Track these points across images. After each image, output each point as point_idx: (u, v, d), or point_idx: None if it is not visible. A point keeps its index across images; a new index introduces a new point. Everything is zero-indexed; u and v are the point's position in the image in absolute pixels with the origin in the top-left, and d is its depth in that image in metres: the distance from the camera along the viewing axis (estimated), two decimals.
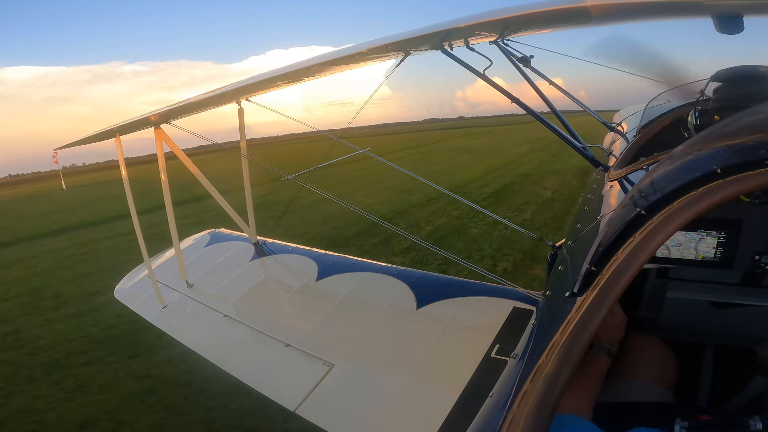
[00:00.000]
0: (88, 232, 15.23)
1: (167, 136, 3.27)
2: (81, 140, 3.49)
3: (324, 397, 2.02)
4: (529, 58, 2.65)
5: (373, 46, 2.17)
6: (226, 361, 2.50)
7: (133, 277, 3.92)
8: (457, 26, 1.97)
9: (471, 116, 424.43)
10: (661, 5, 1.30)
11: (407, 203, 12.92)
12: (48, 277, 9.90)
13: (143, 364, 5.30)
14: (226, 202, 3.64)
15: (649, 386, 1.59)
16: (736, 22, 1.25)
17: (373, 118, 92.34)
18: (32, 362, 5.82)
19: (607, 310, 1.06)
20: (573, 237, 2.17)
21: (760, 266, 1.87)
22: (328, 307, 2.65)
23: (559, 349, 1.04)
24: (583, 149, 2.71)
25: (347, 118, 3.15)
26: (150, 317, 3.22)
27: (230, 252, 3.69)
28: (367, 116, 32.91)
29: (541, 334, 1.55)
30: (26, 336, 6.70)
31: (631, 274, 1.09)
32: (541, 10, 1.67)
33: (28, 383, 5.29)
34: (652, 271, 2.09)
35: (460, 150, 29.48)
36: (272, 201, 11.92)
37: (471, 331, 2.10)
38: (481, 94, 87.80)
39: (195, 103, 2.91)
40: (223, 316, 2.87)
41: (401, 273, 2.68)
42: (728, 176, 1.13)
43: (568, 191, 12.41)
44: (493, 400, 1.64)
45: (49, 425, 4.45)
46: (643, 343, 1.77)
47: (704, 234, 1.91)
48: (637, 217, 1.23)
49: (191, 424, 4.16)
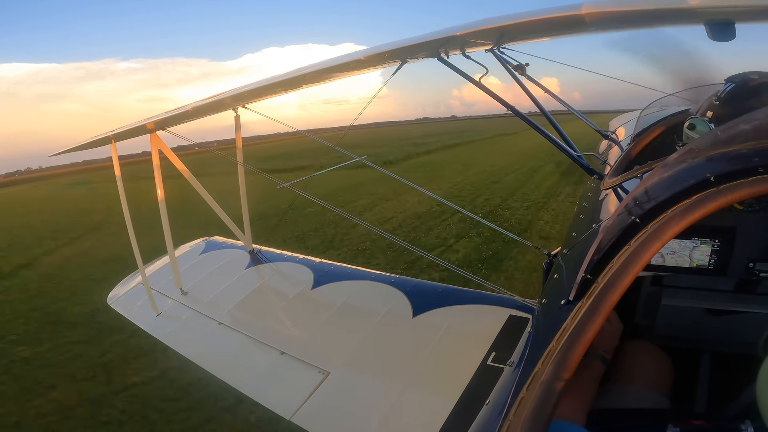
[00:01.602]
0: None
1: (163, 143, 3.27)
2: (76, 147, 3.48)
3: (320, 406, 2.00)
4: (525, 66, 2.68)
5: (371, 54, 2.18)
6: (221, 370, 2.48)
7: (126, 284, 3.89)
8: (454, 34, 1.99)
9: (464, 116, 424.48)
10: (655, 13, 1.32)
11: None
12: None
13: None
14: (221, 210, 3.63)
15: (644, 392, 1.59)
16: (728, 29, 1.26)
17: (369, 116, 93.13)
18: None
19: (602, 317, 1.06)
20: (568, 245, 2.17)
21: (754, 273, 1.87)
22: (323, 315, 2.63)
23: (555, 357, 1.04)
24: (578, 157, 2.73)
25: (343, 117, 3.18)
26: (144, 325, 3.19)
27: (225, 260, 3.68)
28: (362, 115, 33.70)
29: (537, 342, 1.56)
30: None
31: (626, 281, 1.09)
32: (536, 18, 1.69)
33: None
34: (647, 279, 2.10)
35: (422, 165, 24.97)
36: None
37: (467, 339, 2.09)
38: (477, 94, 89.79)
39: (191, 110, 2.92)
40: (217, 324, 2.85)
41: (397, 281, 2.68)
42: (722, 184, 1.14)
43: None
44: (489, 408, 1.64)
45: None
46: (638, 348, 1.77)
47: (698, 242, 1.92)
48: (632, 225, 1.24)
49: None
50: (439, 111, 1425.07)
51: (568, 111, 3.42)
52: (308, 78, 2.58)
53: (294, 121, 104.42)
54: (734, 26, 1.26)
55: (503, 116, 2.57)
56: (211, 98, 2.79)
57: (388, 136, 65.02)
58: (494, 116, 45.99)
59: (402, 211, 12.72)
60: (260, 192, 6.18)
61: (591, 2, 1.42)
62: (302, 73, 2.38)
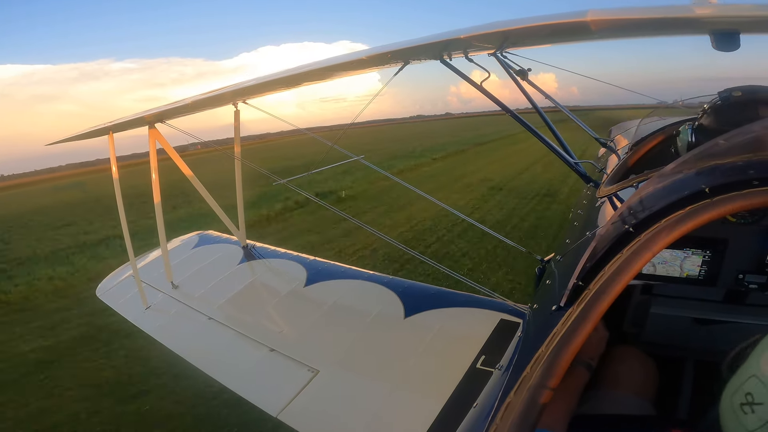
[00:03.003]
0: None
1: (161, 136, 3.25)
2: (74, 136, 3.45)
3: (307, 404, 1.99)
4: (527, 71, 2.68)
5: (373, 54, 2.17)
6: (209, 364, 2.46)
7: (116, 276, 3.85)
8: (457, 37, 1.99)
9: (459, 112, 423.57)
10: (661, 21, 1.32)
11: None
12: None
13: None
14: (216, 204, 3.60)
15: (629, 398, 1.59)
16: (732, 39, 1.27)
17: (366, 114, 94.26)
18: None
19: (592, 324, 1.07)
20: (561, 251, 2.18)
21: (743, 285, 1.90)
22: (315, 313, 2.61)
23: (544, 362, 1.05)
24: (575, 164, 2.73)
25: (340, 115, 3.18)
26: (132, 317, 3.16)
27: (218, 254, 3.66)
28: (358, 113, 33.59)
29: (527, 347, 1.56)
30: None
31: (617, 289, 1.10)
32: (541, 23, 1.68)
33: None
34: (637, 287, 2.11)
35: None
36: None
37: (457, 342, 2.09)
38: (475, 92, 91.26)
39: (191, 104, 2.90)
40: (207, 318, 2.83)
41: (390, 282, 2.67)
42: (716, 196, 1.15)
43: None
44: (476, 410, 1.63)
45: None
46: (624, 353, 1.79)
47: (690, 252, 1.94)
48: (625, 233, 1.25)
49: None
50: (437, 108, 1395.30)
51: (567, 117, 3.42)
52: (310, 75, 2.58)
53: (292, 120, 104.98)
54: (739, 36, 1.27)
55: (497, 114, 2.56)
56: (211, 92, 2.78)
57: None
58: (489, 113, 45.30)
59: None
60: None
61: (597, 9, 1.42)
62: (304, 70, 2.37)
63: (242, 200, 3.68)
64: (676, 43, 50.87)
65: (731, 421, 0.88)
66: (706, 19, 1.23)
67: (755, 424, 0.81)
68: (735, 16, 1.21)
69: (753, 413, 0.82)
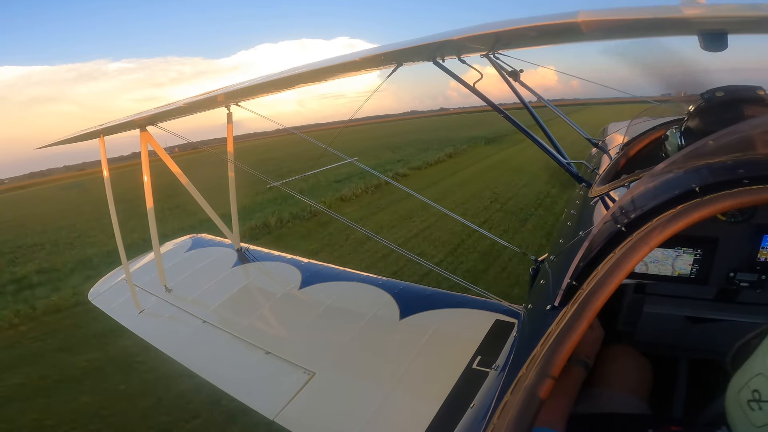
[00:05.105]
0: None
1: (153, 139, 3.23)
2: (64, 140, 3.42)
3: (304, 406, 1.98)
4: (519, 72, 2.70)
5: (366, 56, 2.18)
6: (204, 368, 2.44)
7: (109, 280, 3.81)
8: (450, 39, 1.99)
9: (456, 106, 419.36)
10: (650, 22, 1.34)
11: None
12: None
13: None
14: (209, 207, 3.59)
15: (624, 397, 1.60)
16: (720, 39, 1.29)
17: (363, 111, 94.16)
18: None
19: (586, 323, 1.08)
20: (555, 252, 2.19)
21: (734, 283, 1.92)
22: (310, 315, 2.61)
23: (539, 362, 1.06)
24: (567, 165, 2.75)
25: (339, 111, 3.18)
26: (125, 321, 3.13)
27: (212, 258, 3.64)
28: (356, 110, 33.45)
29: (522, 347, 1.56)
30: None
31: (610, 288, 1.11)
32: (532, 25, 1.69)
33: None
34: (630, 286, 2.13)
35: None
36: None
37: (453, 343, 2.09)
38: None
39: (182, 107, 2.88)
40: (202, 322, 2.81)
41: (385, 283, 2.67)
42: (707, 195, 1.16)
43: None
44: (473, 411, 1.64)
45: None
46: (618, 352, 1.80)
47: (681, 251, 1.96)
48: (618, 233, 1.26)
49: None
50: (437, 102, 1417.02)
51: (569, 106, 3.44)
52: (303, 78, 2.57)
53: (291, 117, 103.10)
54: (726, 37, 1.28)
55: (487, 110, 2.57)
56: (203, 95, 2.76)
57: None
58: (487, 110, 45.44)
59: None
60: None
61: (587, 10, 1.43)
62: (297, 72, 2.37)
63: (236, 203, 3.66)
64: (666, 44, 51.94)
65: (739, 418, 0.90)
66: (695, 19, 1.25)
67: (763, 420, 0.83)
68: (723, 17, 1.23)
69: (761, 410, 0.84)
